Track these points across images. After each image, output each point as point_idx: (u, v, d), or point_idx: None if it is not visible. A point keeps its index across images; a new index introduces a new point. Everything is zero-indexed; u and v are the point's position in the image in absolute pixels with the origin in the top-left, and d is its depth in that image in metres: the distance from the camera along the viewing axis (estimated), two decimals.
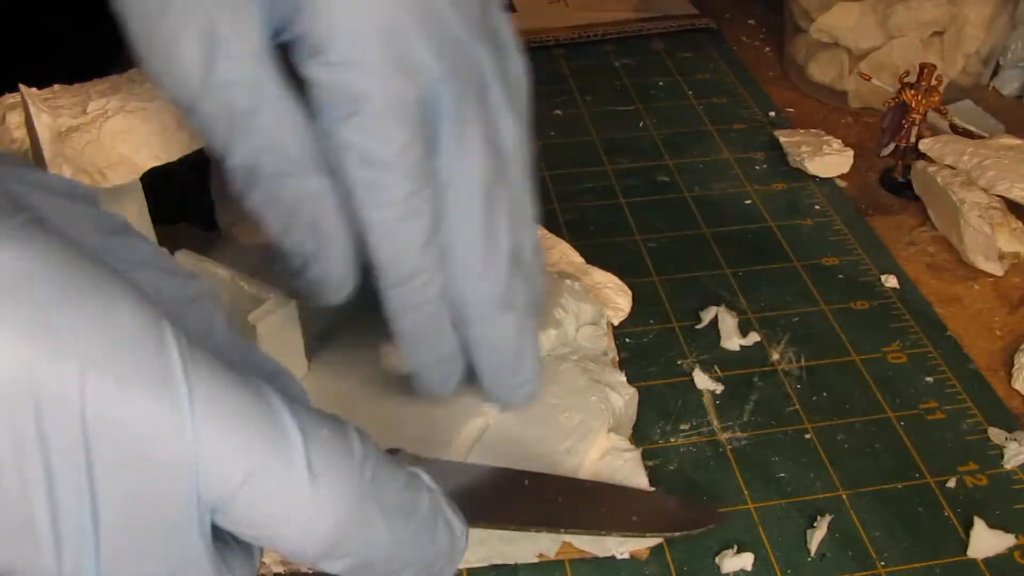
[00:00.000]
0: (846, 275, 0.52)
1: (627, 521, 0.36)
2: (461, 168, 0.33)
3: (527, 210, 0.35)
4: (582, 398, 0.39)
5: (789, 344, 0.48)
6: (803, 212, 0.57)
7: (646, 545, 0.37)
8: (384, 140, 0.31)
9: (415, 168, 0.32)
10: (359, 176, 0.32)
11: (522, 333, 0.35)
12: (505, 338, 0.35)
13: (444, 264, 0.33)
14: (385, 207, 0.32)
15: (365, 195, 0.32)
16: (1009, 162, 0.55)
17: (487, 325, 0.34)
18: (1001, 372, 0.46)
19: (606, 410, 0.38)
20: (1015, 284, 0.52)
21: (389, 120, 0.31)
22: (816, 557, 0.38)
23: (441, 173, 0.32)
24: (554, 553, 0.36)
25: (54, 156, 0.32)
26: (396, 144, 0.31)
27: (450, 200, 0.33)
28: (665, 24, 0.79)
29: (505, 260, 0.34)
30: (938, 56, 0.65)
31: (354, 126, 0.31)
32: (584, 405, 0.38)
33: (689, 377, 0.46)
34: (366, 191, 0.32)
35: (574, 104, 0.69)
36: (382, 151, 0.31)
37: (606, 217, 0.57)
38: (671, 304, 0.50)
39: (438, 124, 0.32)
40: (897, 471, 0.41)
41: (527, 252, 0.35)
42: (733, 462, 0.42)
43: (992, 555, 0.38)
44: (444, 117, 0.32)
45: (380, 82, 0.31)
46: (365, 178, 0.32)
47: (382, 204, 0.32)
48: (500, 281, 0.34)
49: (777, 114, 0.67)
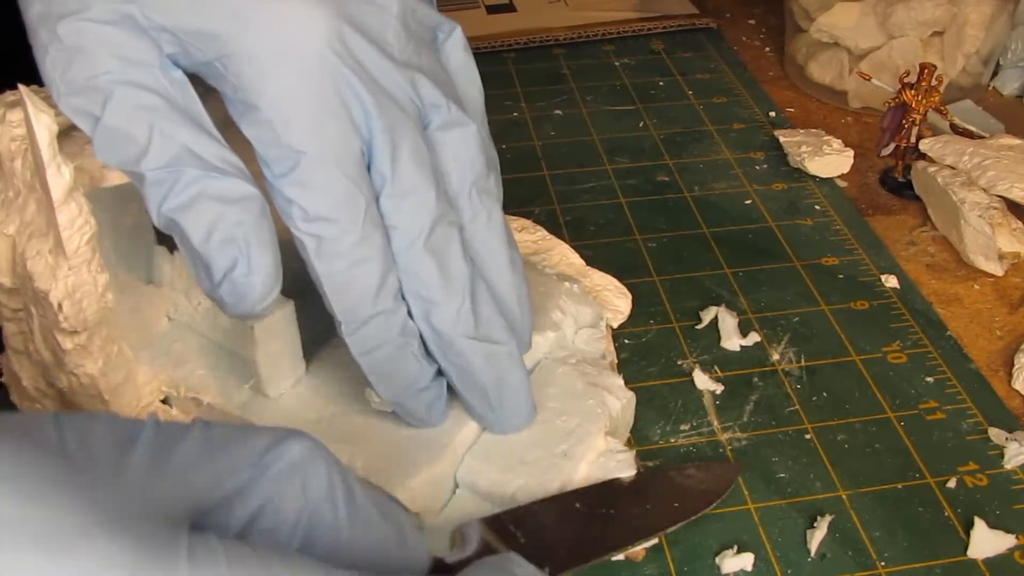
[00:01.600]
0: (846, 275, 0.52)
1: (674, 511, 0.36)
2: (403, 207, 0.33)
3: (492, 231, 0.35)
4: (579, 402, 0.38)
5: (789, 344, 0.48)
6: (803, 212, 0.57)
7: (642, 546, 0.37)
8: (324, 194, 0.31)
9: (360, 217, 0.32)
10: (305, 229, 0.31)
11: (493, 361, 0.35)
12: (474, 366, 0.35)
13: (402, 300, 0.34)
14: (334, 259, 0.32)
15: (312, 248, 0.32)
16: (1009, 162, 0.55)
17: (453, 354, 0.35)
18: (1001, 372, 0.46)
19: (603, 414, 0.38)
20: (1015, 284, 0.52)
21: (328, 174, 0.31)
22: (816, 557, 0.38)
23: (386, 216, 0.32)
24: None
25: (52, 156, 0.32)
26: (336, 197, 0.31)
27: (397, 239, 0.33)
28: (665, 24, 0.79)
29: (461, 289, 0.34)
30: (938, 56, 0.65)
31: (293, 182, 0.31)
32: (581, 408, 0.38)
33: (689, 377, 0.46)
34: (313, 244, 0.32)
35: (574, 104, 0.69)
36: (323, 207, 0.31)
37: (606, 217, 0.57)
38: (671, 304, 0.50)
39: (376, 166, 0.32)
40: (897, 471, 0.41)
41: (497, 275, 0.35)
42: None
43: (992, 555, 0.38)
44: (381, 158, 0.32)
45: (313, 137, 0.31)
46: (310, 231, 0.31)
47: (330, 256, 0.32)
48: (457, 308, 0.34)
49: (777, 114, 0.67)
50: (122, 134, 0.30)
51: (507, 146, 0.63)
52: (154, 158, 0.30)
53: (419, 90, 0.33)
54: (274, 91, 0.30)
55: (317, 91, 0.31)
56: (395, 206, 0.33)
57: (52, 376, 0.37)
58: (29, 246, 0.34)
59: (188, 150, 0.30)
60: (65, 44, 0.30)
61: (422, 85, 0.33)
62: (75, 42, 0.30)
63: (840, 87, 0.68)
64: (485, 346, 0.35)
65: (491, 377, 0.35)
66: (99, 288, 0.35)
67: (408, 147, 0.32)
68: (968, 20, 0.63)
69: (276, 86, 0.30)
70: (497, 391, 0.36)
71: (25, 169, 0.34)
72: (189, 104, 0.31)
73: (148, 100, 0.30)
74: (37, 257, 0.34)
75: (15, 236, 0.35)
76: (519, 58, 0.75)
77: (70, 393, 0.37)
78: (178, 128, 0.30)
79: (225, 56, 0.30)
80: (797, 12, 0.69)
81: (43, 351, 0.36)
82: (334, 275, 0.32)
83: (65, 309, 0.34)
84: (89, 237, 0.34)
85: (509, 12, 0.81)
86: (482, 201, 0.35)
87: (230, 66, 0.30)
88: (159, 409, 0.40)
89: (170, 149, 0.30)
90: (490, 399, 0.36)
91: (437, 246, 0.33)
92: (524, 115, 0.67)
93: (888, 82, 0.61)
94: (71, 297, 0.34)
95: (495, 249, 0.36)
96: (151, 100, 0.30)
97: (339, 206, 0.31)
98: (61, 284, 0.34)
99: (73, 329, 0.34)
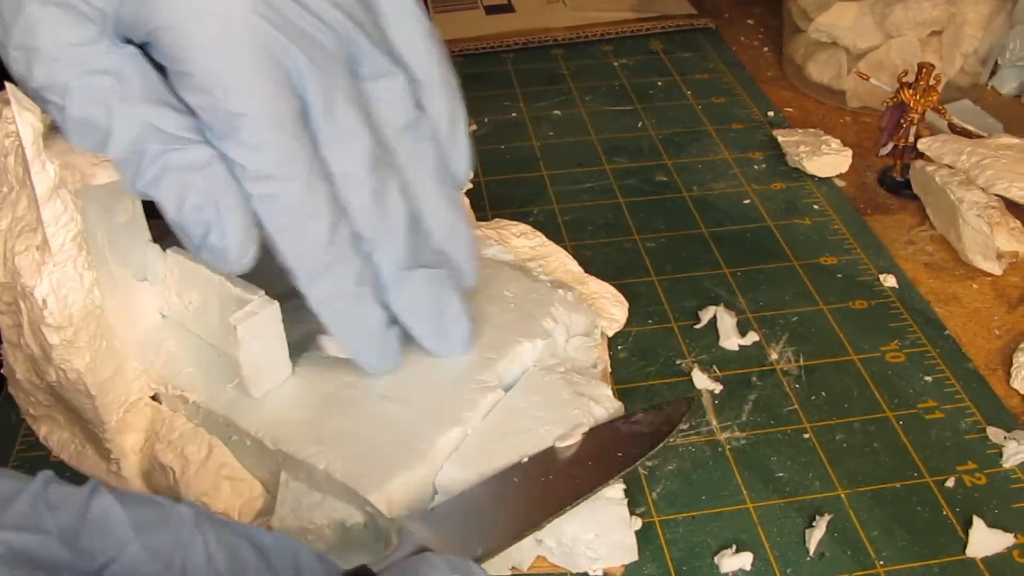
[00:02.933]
0: (845, 274, 0.52)
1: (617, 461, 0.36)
2: (342, 153, 0.34)
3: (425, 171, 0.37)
4: (564, 411, 0.38)
5: (788, 344, 0.47)
6: (802, 212, 0.57)
7: (620, 562, 0.37)
8: (267, 153, 0.32)
9: (305, 171, 0.33)
10: (252, 189, 0.33)
11: (435, 285, 0.37)
12: (419, 294, 0.37)
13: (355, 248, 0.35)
14: (283, 214, 0.33)
15: (262, 206, 0.33)
16: (1007, 161, 0.54)
17: (400, 287, 0.36)
18: (1000, 371, 0.46)
19: (587, 424, 0.38)
20: (1013, 283, 0.52)
21: (268, 133, 0.32)
22: (815, 556, 0.38)
23: (326, 163, 0.34)
24: (527, 566, 0.36)
25: (36, 154, 0.32)
26: (279, 154, 0.32)
27: (339, 184, 0.34)
28: (663, 24, 0.79)
29: (402, 225, 0.35)
30: (936, 55, 0.65)
31: (235, 144, 0.32)
32: (565, 418, 0.38)
33: (688, 377, 0.46)
34: (262, 202, 0.33)
35: (573, 104, 0.69)
36: (268, 165, 0.32)
37: (605, 217, 0.57)
38: (670, 304, 0.50)
39: (313, 116, 0.33)
40: (896, 470, 0.41)
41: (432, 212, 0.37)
42: (732, 462, 0.41)
43: (991, 554, 0.37)
44: (317, 109, 0.33)
45: (250, 100, 0.32)
46: (258, 191, 0.33)
47: (280, 212, 0.33)
48: (400, 244, 0.35)
49: (776, 114, 0.67)
50: (86, 122, 0.32)
51: (506, 146, 0.63)
52: (117, 140, 0.32)
53: (349, 35, 0.34)
54: (204, 58, 0.31)
55: (247, 55, 0.31)
56: (334, 153, 0.34)
57: (42, 370, 0.36)
58: (18, 241, 0.34)
59: (149, 125, 0.32)
60: (20, 43, 0.31)
61: (349, 31, 0.34)
62: (26, 40, 0.31)
63: (838, 87, 0.68)
64: (424, 276, 0.36)
65: (431, 305, 0.37)
66: (85, 285, 0.35)
67: (341, 96, 0.33)
68: (966, 19, 0.63)
69: (206, 53, 0.31)
70: (439, 319, 0.38)
71: (18, 165, 0.34)
72: (145, 78, 0.32)
73: (102, 83, 0.32)
74: (25, 253, 0.34)
75: (6, 231, 0.35)
76: (518, 58, 0.75)
77: (59, 387, 0.37)
78: (135, 106, 0.32)
79: (157, 28, 0.31)
80: (795, 12, 0.69)
81: (32, 345, 0.36)
82: (285, 229, 0.33)
83: (50, 305, 0.34)
84: (75, 234, 0.34)
85: (508, 12, 0.81)
86: (414, 143, 0.36)
87: (162, 37, 0.31)
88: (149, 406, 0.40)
89: (131, 129, 0.32)
90: (436, 329, 0.38)
91: (376, 187, 0.34)
92: (523, 115, 0.67)
93: (886, 82, 0.61)
94: (56, 293, 0.34)
95: (430, 189, 0.37)
96: (105, 83, 0.32)
97: (283, 162, 0.32)
98: (46, 280, 0.34)
99: (58, 324, 0.34)
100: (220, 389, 0.38)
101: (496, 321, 0.41)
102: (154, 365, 0.39)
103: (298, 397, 0.38)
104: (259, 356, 0.37)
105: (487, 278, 0.43)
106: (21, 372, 0.38)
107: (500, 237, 0.49)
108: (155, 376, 0.39)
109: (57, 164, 0.33)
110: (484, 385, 0.38)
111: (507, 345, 0.40)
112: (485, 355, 0.40)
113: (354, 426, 0.37)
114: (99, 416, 0.37)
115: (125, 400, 0.38)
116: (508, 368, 0.40)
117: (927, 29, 0.64)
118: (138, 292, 0.40)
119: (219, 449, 0.38)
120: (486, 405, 0.38)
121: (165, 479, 0.39)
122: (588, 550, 0.36)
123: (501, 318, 0.41)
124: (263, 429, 0.37)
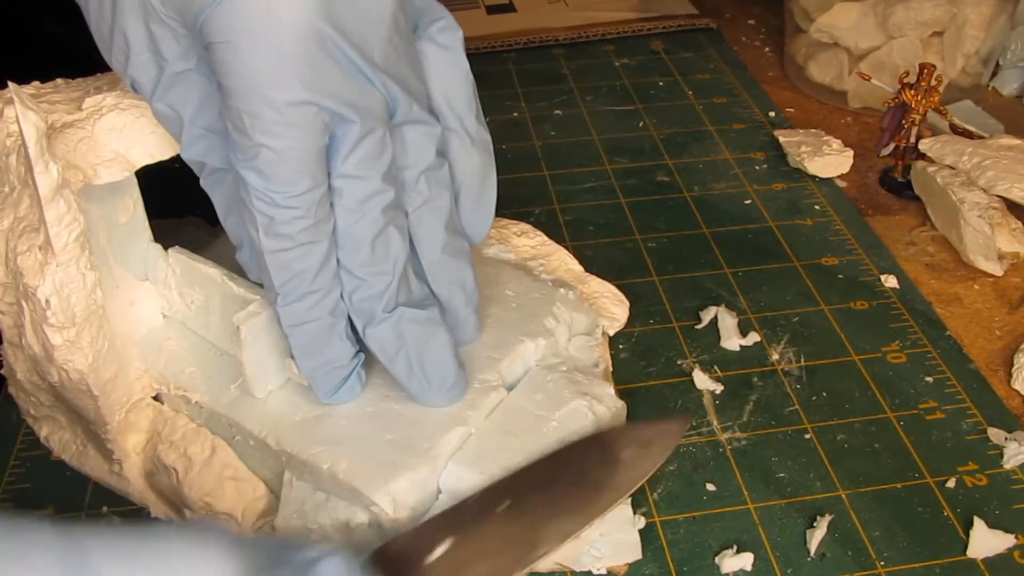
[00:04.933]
0: (846, 275, 0.52)
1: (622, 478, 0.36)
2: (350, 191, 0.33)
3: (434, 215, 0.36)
4: (566, 410, 0.38)
5: (789, 344, 0.47)
6: (803, 212, 0.57)
7: (624, 561, 0.37)
8: (283, 186, 0.32)
9: (315, 207, 0.33)
10: (259, 208, 0.33)
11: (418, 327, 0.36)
12: (399, 333, 0.36)
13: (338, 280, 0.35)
14: (282, 239, 0.33)
15: (263, 225, 0.33)
16: (1009, 162, 0.54)
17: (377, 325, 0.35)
18: (1001, 372, 0.46)
19: (590, 423, 0.38)
20: (1015, 284, 0.52)
21: (288, 168, 0.32)
22: (816, 557, 0.38)
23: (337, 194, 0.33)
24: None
25: (39, 154, 0.32)
26: (295, 190, 0.32)
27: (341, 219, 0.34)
28: (665, 24, 0.79)
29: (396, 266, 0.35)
30: (938, 56, 0.65)
31: (253, 169, 0.32)
32: (568, 416, 0.38)
33: (689, 377, 0.46)
34: (265, 222, 0.33)
35: (574, 104, 0.69)
36: (280, 196, 0.32)
37: (606, 217, 0.57)
38: (671, 304, 0.50)
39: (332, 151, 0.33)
40: (897, 471, 0.41)
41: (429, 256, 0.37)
42: (733, 462, 0.41)
43: (992, 555, 0.37)
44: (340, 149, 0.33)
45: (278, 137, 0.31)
46: (263, 211, 0.33)
47: (279, 236, 0.33)
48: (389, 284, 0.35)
49: (777, 114, 0.67)
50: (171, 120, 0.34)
51: (507, 146, 0.63)
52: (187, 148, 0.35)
53: (390, 91, 0.33)
54: (246, 85, 0.31)
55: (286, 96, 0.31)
56: (342, 187, 0.33)
57: (43, 370, 0.36)
58: (20, 241, 0.34)
59: None
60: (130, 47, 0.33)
61: (392, 86, 0.33)
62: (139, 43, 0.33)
63: (840, 87, 0.68)
64: (407, 316, 0.36)
65: (412, 350, 0.36)
66: (87, 284, 0.35)
67: (369, 144, 0.33)
68: (968, 20, 0.63)
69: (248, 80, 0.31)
70: (418, 362, 0.36)
71: (20, 165, 0.34)
72: None
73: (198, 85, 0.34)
74: (27, 253, 0.34)
75: (8, 231, 0.35)
76: (519, 58, 0.75)
77: (61, 388, 0.37)
78: None
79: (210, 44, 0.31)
80: (797, 12, 0.69)
81: (34, 345, 0.36)
82: (280, 253, 0.33)
83: (53, 305, 0.34)
84: (77, 234, 0.34)
85: (509, 12, 0.81)
86: (430, 188, 0.36)
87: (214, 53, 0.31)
88: (151, 406, 0.40)
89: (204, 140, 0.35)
90: (414, 371, 0.37)
91: (375, 228, 0.34)
92: (524, 115, 0.67)
93: (888, 82, 0.61)
94: (59, 293, 0.34)
95: (434, 231, 0.36)
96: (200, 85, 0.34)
97: (296, 197, 0.32)
98: (49, 280, 0.34)
99: (61, 325, 0.34)
100: (223, 389, 0.38)
101: (498, 320, 0.41)
102: (156, 365, 0.39)
103: (299, 398, 0.38)
104: (262, 356, 0.37)
105: (488, 277, 0.43)
106: (22, 372, 0.38)
107: (501, 236, 0.49)
108: (157, 376, 0.39)
109: (60, 164, 0.33)
110: (487, 384, 0.38)
111: (509, 344, 0.40)
112: (488, 354, 0.40)
113: (358, 426, 0.37)
114: (101, 416, 0.37)
115: (127, 400, 0.38)
116: (511, 367, 0.40)
117: (928, 30, 0.64)
118: (140, 292, 0.40)
119: (222, 449, 0.39)
120: (489, 404, 0.38)
121: (168, 479, 0.39)
122: (592, 548, 0.36)
123: (503, 317, 0.41)
124: (266, 429, 0.37)
